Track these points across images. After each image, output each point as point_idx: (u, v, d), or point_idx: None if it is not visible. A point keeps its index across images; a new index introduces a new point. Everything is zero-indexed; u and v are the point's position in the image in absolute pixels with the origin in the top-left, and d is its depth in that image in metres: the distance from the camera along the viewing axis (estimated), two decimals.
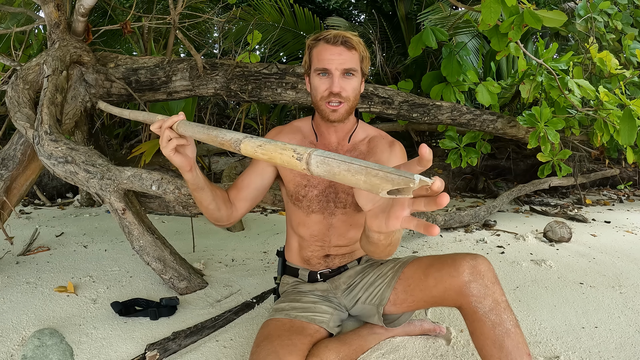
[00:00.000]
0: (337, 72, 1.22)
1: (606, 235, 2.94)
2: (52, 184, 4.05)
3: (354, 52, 1.23)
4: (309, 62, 1.28)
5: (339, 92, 1.22)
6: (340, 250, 1.42)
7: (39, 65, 2.01)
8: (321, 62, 1.23)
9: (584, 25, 2.96)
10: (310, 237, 1.40)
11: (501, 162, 5.15)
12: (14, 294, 1.77)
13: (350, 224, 1.39)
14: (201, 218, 3.42)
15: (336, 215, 1.37)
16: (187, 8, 2.99)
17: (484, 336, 1.09)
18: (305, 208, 1.37)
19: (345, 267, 1.45)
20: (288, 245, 1.51)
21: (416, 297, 1.26)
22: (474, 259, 1.16)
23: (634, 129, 2.38)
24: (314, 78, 1.26)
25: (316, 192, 1.35)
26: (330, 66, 1.22)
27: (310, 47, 1.27)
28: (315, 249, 1.41)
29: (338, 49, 1.21)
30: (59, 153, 1.66)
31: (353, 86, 1.25)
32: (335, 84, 1.22)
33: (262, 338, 1.21)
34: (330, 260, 1.43)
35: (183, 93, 2.28)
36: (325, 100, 1.24)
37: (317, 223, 1.38)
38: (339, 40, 1.22)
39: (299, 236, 1.43)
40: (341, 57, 1.21)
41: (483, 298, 1.10)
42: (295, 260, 1.48)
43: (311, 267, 1.45)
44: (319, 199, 1.35)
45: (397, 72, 4.89)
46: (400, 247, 2.62)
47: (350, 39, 1.22)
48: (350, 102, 1.26)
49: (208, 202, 1.24)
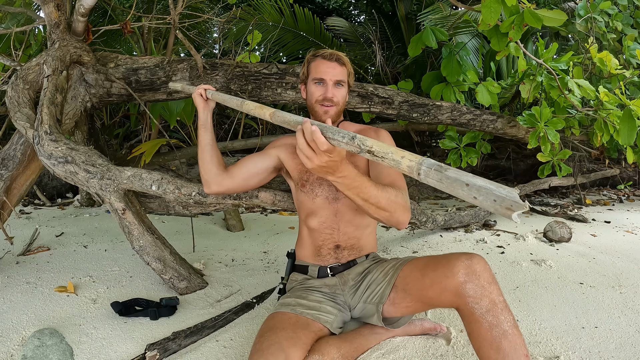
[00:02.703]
0: (330, 82, 1.47)
1: (606, 235, 2.94)
2: (52, 184, 4.05)
3: (344, 68, 1.50)
4: (306, 73, 1.54)
5: (331, 97, 1.47)
6: (350, 240, 1.49)
7: (39, 65, 2.01)
8: (318, 73, 1.48)
9: (584, 25, 2.96)
10: (320, 225, 1.49)
11: (501, 162, 5.16)
12: (14, 294, 1.77)
13: (355, 209, 1.48)
14: (201, 218, 3.42)
15: (340, 200, 1.48)
16: (187, 8, 2.99)
17: (481, 338, 1.09)
18: (310, 192, 1.50)
19: (355, 261, 1.49)
20: (300, 240, 1.58)
21: (414, 297, 1.27)
22: (469, 258, 1.15)
23: (633, 129, 2.38)
24: (311, 86, 1.51)
25: (316, 176, 1.49)
26: (325, 77, 1.47)
27: (309, 61, 1.53)
28: (326, 238, 1.49)
29: (332, 64, 1.48)
30: (59, 153, 1.66)
31: (342, 94, 1.51)
32: (329, 91, 1.47)
33: (266, 329, 1.23)
34: (340, 253, 1.49)
35: (183, 93, 2.28)
36: (320, 103, 1.48)
37: (323, 209, 1.49)
38: (333, 57, 1.49)
39: (310, 228, 1.51)
40: (334, 71, 1.48)
41: (480, 299, 1.09)
42: (306, 255, 1.54)
43: (321, 261, 1.49)
44: (319, 182, 1.50)
45: (397, 72, 4.89)
46: (400, 247, 2.62)
47: (342, 57, 1.50)
48: (339, 106, 1.50)
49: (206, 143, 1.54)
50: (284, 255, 2.46)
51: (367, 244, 1.52)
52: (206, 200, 1.76)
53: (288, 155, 1.57)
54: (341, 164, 1.05)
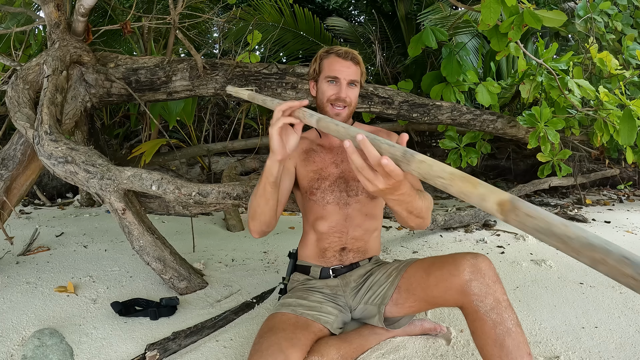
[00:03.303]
0: (344, 82, 1.41)
1: (606, 235, 2.94)
2: (52, 184, 4.05)
3: (358, 67, 1.44)
4: (318, 70, 1.46)
5: (345, 98, 1.41)
6: (357, 243, 1.48)
7: (39, 65, 2.01)
8: (332, 71, 1.42)
9: (584, 25, 2.96)
10: (329, 229, 1.46)
11: (501, 162, 5.16)
12: (14, 294, 1.77)
13: (365, 214, 1.46)
14: (201, 218, 3.42)
15: (351, 205, 1.46)
16: (187, 8, 2.99)
17: (485, 335, 1.09)
18: (320, 200, 1.46)
19: (358, 264, 1.49)
20: (304, 241, 1.54)
21: (418, 297, 1.27)
22: (474, 257, 1.17)
23: (633, 129, 2.38)
24: (323, 84, 1.44)
25: (328, 183, 1.46)
26: (340, 75, 1.41)
27: (322, 58, 1.46)
28: (334, 241, 1.47)
29: (347, 62, 1.41)
30: (59, 153, 1.66)
31: (355, 95, 1.45)
32: (342, 90, 1.41)
33: (266, 329, 1.23)
34: (344, 255, 1.47)
35: (183, 93, 2.28)
36: (331, 103, 1.42)
37: (334, 214, 1.45)
38: (349, 56, 1.42)
39: (318, 232, 1.47)
40: (349, 70, 1.41)
41: (484, 297, 1.11)
42: (309, 255, 1.52)
43: (325, 262, 1.48)
44: (331, 189, 1.45)
45: (397, 72, 4.89)
46: (400, 247, 2.62)
47: (356, 56, 1.44)
48: (352, 107, 1.45)
49: (272, 204, 1.27)
50: (284, 255, 2.46)
51: (372, 247, 1.52)
52: (206, 200, 1.76)
53: (300, 163, 1.49)
54: (404, 183, 0.92)
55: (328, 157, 1.49)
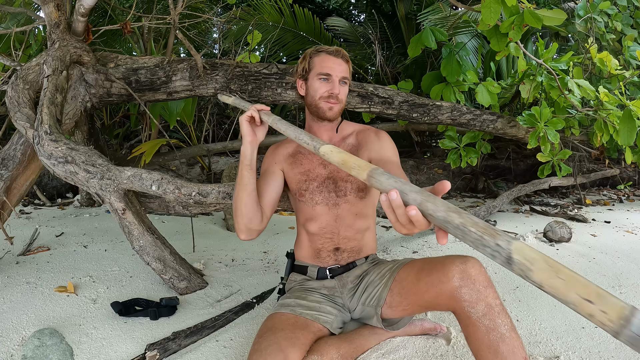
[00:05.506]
0: (336, 78, 1.45)
1: (606, 235, 2.94)
2: (52, 184, 4.05)
3: (347, 65, 1.48)
4: (307, 68, 1.49)
5: (338, 94, 1.44)
6: (350, 243, 1.47)
7: (39, 65, 2.01)
8: (325, 68, 1.45)
9: (584, 25, 2.96)
10: (320, 230, 1.47)
11: (501, 162, 5.16)
12: (14, 294, 1.77)
13: (355, 213, 1.47)
14: (201, 218, 3.42)
15: (340, 206, 1.46)
16: (187, 8, 2.99)
17: (479, 341, 1.08)
18: (309, 201, 1.47)
19: (354, 263, 1.48)
20: (298, 242, 1.56)
21: (410, 301, 1.26)
22: (463, 262, 1.13)
23: (633, 129, 2.38)
24: (315, 81, 1.46)
25: (316, 184, 1.47)
26: (332, 72, 1.44)
27: (312, 56, 1.49)
28: (326, 241, 1.47)
29: (338, 60, 1.46)
30: (59, 153, 1.66)
31: (346, 92, 1.49)
32: (336, 87, 1.45)
33: (265, 329, 1.23)
34: (339, 255, 1.47)
35: (183, 93, 2.28)
36: (325, 100, 1.45)
37: (323, 215, 1.47)
38: (340, 54, 1.47)
39: (310, 233, 1.49)
40: (340, 67, 1.46)
41: (475, 303, 1.08)
42: (305, 256, 1.52)
43: (321, 263, 1.48)
44: (319, 190, 1.47)
45: (397, 72, 4.89)
46: (400, 247, 2.62)
47: (346, 54, 1.49)
48: (343, 103, 1.49)
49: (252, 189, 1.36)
50: (283, 256, 2.45)
51: (366, 245, 1.51)
52: (206, 200, 1.76)
53: (287, 167, 1.52)
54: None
55: (315, 158, 1.49)
